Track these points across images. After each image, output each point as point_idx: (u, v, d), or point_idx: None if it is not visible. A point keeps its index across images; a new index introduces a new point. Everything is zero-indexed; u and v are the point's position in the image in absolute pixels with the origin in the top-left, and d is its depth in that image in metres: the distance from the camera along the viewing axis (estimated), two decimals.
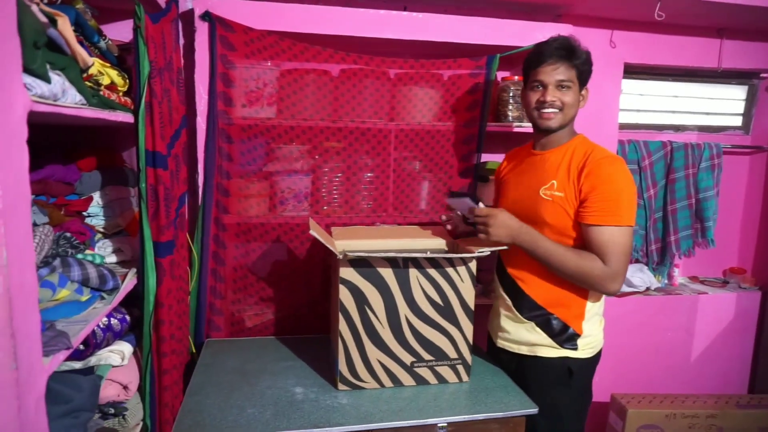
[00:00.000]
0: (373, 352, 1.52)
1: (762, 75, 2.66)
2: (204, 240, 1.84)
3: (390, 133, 1.96)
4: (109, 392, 1.21)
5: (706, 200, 2.54)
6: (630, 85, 2.55)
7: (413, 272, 1.49)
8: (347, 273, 1.46)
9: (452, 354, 1.57)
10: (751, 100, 2.74)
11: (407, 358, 1.54)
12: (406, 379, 1.56)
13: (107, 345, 1.25)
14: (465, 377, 1.60)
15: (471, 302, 1.55)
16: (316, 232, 1.45)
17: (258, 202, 1.90)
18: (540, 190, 1.50)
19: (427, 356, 1.56)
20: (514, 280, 1.58)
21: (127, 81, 1.24)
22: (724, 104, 2.74)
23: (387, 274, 1.48)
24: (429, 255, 1.47)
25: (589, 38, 2.26)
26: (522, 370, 1.61)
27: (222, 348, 1.82)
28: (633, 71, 2.47)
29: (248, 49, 1.80)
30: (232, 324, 1.93)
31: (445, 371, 1.58)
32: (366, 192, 1.98)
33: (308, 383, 1.58)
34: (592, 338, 1.53)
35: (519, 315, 1.57)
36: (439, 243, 1.72)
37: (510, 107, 2.06)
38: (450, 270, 1.51)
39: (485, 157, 2.11)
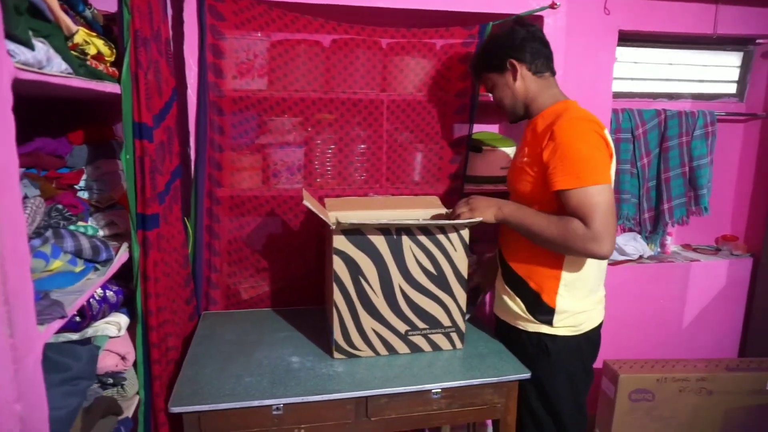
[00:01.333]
0: (368, 321, 1.54)
1: (758, 41, 2.64)
2: (198, 214, 1.84)
3: (382, 104, 1.95)
4: (107, 362, 1.23)
5: (700, 168, 2.55)
6: (624, 53, 2.53)
7: (406, 241, 1.50)
8: (341, 243, 1.47)
9: (446, 322, 1.59)
10: (745, 67, 2.72)
11: (401, 327, 1.57)
12: (401, 347, 1.58)
13: (103, 317, 1.26)
14: (459, 344, 1.62)
15: (464, 271, 1.56)
16: (309, 203, 1.46)
17: (251, 174, 1.90)
18: (518, 160, 1.53)
19: (421, 324, 1.58)
20: (501, 248, 1.62)
21: (114, 51, 1.22)
22: (718, 71, 2.72)
23: (380, 243, 1.49)
24: (421, 222, 1.48)
25: (584, 5, 2.24)
26: (510, 339, 1.64)
27: (219, 320, 1.84)
28: (627, 38, 2.45)
29: (238, 19, 1.78)
30: (228, 297, 1.95)
31: (439, 339, 1.60)
32: (359, 164, 1.97)
33: (304, 352, 1.60)
34: (569, 316, 1.49)
35: (504, 283, 1.60)
36: (433, 213, 1.73)
37: None
38: (442, 238, 1.52)
39: (477, 128, 2.11)
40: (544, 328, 1.51)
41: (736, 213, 2.84)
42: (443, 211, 1.74)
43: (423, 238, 1.51)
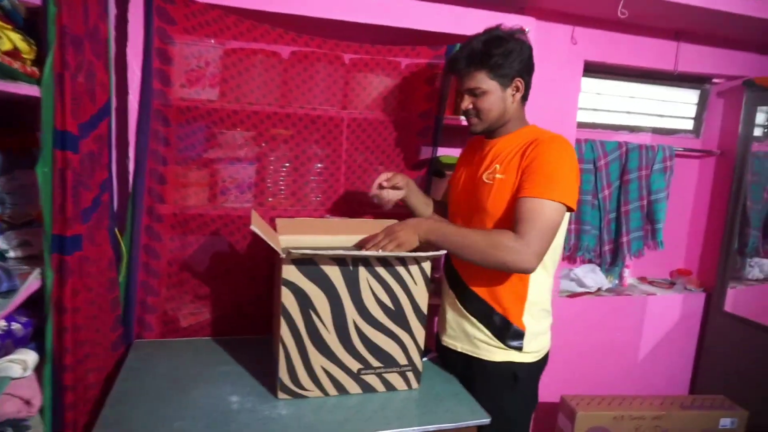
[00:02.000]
0: (317, 359, 1.41)
1: (714, 80, 2.69)
2: (134, 231, 1.67)
3: (342, 122, 1.84)
4: (8, 408, 1.05)
5: (658, 202, 2.56)
6: (588, 84, 2.53)
7: (363, 273, 1.38)
8: (290, 273, 1.34)
9: (402, 360, 1.48)
10: (702, 105, 2.77)
11: (354, 365, 1.44)
12: (352, 387, 1.45)
13: (6, 354, 1.08)
14: (415, 384, 1.51)
15: (424, 306, 1.46)
16: (257, 227, 1.32)
17: (197, 191, 1.75)
18: (483, 175, 1.44)
19: (375, 363, 1.46)
20: (457, 271, 1.52)
21: (35, 48, 1.07)
22: (677, 107, 2.76)
23: (334, 274, 1.37)
24: (380, 253, 1.37)
25: (551, 33, 2.21)
26: (467, 372, 1.54)
27: (152, 350, 1.66)
28: (592, 69, 2.44)
29: (189, 24, 1.64)
30: (165, 323, 1.77)
31: (394, 378, 1.49)
32: (315, 183, 1.85)
33: (246, 391, 1.45)
34: (537, 339, 1.47)
35: (462, 309, 1.51)
36: None
37: None
38: (402, 270, 1.41)
39: (441, 151, 2.03)
40: (514, 355, 1.45)
41: (690, 247, 2.87)
42: None
43: (381, 270, 1.40)
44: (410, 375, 1.50)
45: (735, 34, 2.40)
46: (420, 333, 1.47)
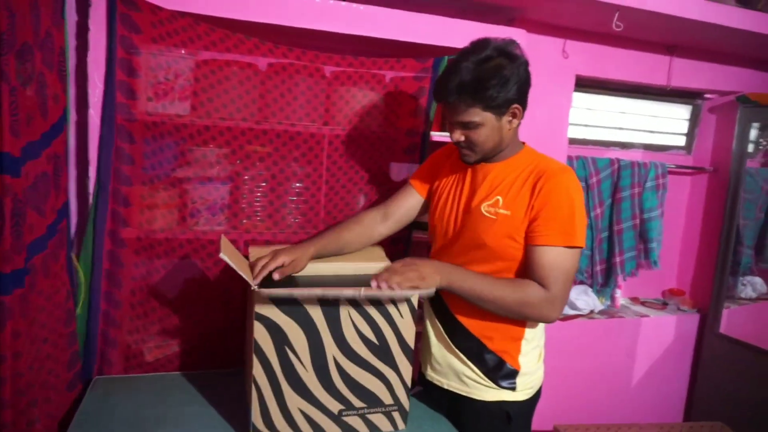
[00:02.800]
0: (294, 400, 1.28)
1: (706, 96, 2.63)
2: (95, 257, 1.53)
3: (324, 139, 1.72)
4: None
5: (651, 220, 2.48)
6: (578, 99, 2.45)
7: (344, 306, 1.26)
8: (264, 308, 1.21)
9: (387, 399, 1.35)
10: (694, 121, 2.71)
11: (334, 406, 1.31)
12: (333, 429, 1.32)
13: None
14: (401, 425, 1.38)
15: (411, 341, 1.33)
16: (228, 255, 1.19)
17: (164, 213, 1.61)
18: (482, 207, 1.31)
19: (358, 403, 1.33)
20: (442, 298, 1.39)
21: None
22: (668, 123, 2.69)
23: (313, 309, 1.24)
24: (368, 294, 1.22)
25: (542, 46, 2.13)
26: (455, 410, 1.43)
27: (113, 388, 1.51)
28: (582, 84, 2.36)
29: (156, 32, 1.51)
30: (128, 358, 1.62)
31: (378, 419, 1.36)
32: (293, 205, 1.73)
33: None
34: (530, 377, 1.37)
35: (450, 344, 1.39)
36: (378, 267, 1.50)
37: None
38: (389, 305, 1.29)
39: None
40: (506, 394, 1.35)
41: (682, 266, 2.80)
42: (387, 263, 1.51)
43: (365, 304, 1.27)
44: (396, 415, 1.37)
45: (729, 48, 2.34)
46: (407, 369, 1.35)
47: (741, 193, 2.49)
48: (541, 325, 1.39)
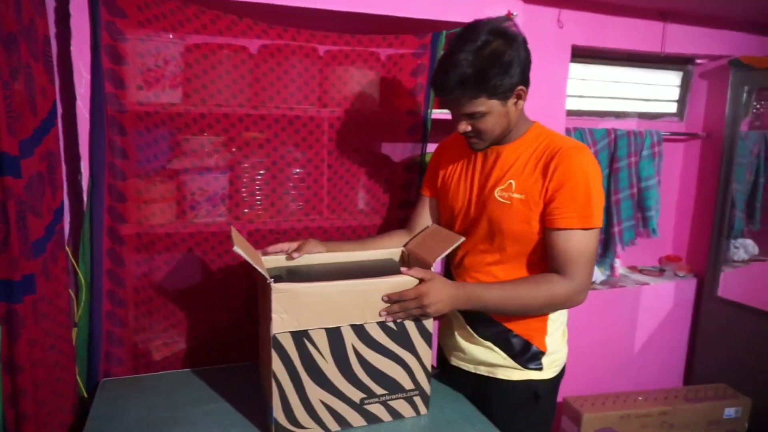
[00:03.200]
0: (315, 392, 1.24)
1: (697, 61, 2.62)
2: (95, 257, 1.47)
3: (323, 122, 1.66)
4: None
5: (648, 189, 2.48)
6: (573, 70, 2.41)
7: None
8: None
9: (408, 385, 1.33)
10: (685, 87, 2.71)
11: (356, 395, 1.28)
12: (355, 419, 1.30)
13: None
14: (423, 410, 1.36)
15: (429, 325, 1.31)
16: (241, 248, 1.15)
17: (162, 207, 1.55)
18: (495, 192, 1.28)
19: (379, 390, 1.30)
20: None
21: None
22: (660, 90, 2.68)
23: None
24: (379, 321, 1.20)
25: (538, 17, 2.08)
26: (482, 393, 1.41)
27: (122, 390, 1.46)
28: (578, 54, 2.33)
29: (143, 16, 1.43)
30: (136, 358, 1.57)
31: (400, 405, 1.33)
32: (295, 191, 1.67)
33: None
34: (556, 355, 1.37)
35: (474, 333, 1.37)
36: (391, 253, 1.47)
37: None
38: None
39: (431, 149, 1.87)
40: (533, 374, 1.34)
41: (677, 233, 2.82)
42: (400, 251, 1.49)
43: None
44: (418, 400, 1.35)
45: (720, 12, 2.32)
46: (426, 354, 1.33)
47: (735, 158, 2.50)
48: None
